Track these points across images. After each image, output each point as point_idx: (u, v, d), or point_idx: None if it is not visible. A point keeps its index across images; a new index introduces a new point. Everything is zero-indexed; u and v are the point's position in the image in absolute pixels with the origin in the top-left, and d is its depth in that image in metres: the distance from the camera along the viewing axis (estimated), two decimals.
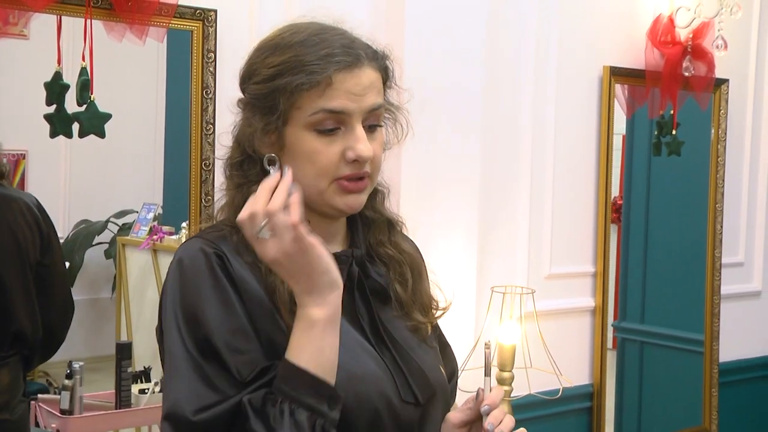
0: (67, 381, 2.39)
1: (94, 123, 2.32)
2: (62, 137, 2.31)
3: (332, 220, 1.34)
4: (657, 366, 3.86)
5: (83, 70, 2.30)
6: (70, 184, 2.81)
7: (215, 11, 2.47)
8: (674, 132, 3.56)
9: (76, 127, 2.31)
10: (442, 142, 2.79)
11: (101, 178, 2.87)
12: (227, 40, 2.50)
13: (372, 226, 1.39)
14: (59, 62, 2.29)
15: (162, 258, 2.77)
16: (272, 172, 1.22)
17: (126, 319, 2.85)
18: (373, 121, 1.29)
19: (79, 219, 2.83)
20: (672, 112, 3.53)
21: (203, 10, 2.45)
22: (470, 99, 2.86)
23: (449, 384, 1.45)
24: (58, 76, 2.29)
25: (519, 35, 3.08)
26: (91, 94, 2.31)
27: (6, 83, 2.63)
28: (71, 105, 2.31)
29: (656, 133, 3.59)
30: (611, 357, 3.58)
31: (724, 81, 3.67)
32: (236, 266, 1.24)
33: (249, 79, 1.30)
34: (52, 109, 2.30)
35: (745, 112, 3.84)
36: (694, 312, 3.77)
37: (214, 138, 2.47)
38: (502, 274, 3.05)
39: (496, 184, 3.04)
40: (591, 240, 3.36)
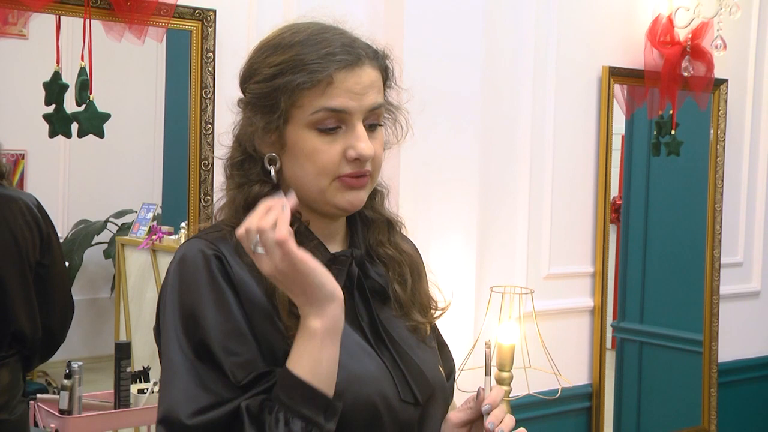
0: (66, 381, 2.39)
1: (93, 123, 2.32)
2: (61, 137, 2.31)
3: (332, 220, 1.34)
4: (656, 366, 3.86)
5: (82, 70, 2.30)
6: (69, 184, 2.80)
7: (214, 11, 2.47)
8: (673, 132, 3.56)
9: (75, 127, 2.31)
10: (441, 143, 2.79)
11: (100, 178, 2.87)
12: (226, 40, 2.50)
13: (371, 226, 1.39)
14: (58, 62, 2.30)
15: (161, 258, 2.77)
16: (277, 197, 1.21)
17: (125, 319, 2.85)
18: (374, 121, 1.29)
19: (78, 219, 2.83)
20: (671, 112, 3.53)
21: (202, 10, 2.45)
22: (469, 99, 2.86)
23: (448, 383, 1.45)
24: (57, 76, 2.30)
25: (518, 36, 3.08)
26: (90, 94, 2.31)
27: (5, 83, 2.63)
28: (70, 105, 2.31)
29: (655, 133, 3.59)
30: (610, 357, 3.58)
31: (723, 81, 3.67)
32: (235, 268, 1.24)
33: (250, 79, 1.30)
34: (51, 109, 2.30)
35: (744, 112, 3.84)
36: (693, 312, 3.77)
37: (213, 138, 2.47)
38: (501, 274, 3.05)
39: (495, 185, 3.04)
40: (590, 240, 3.36)
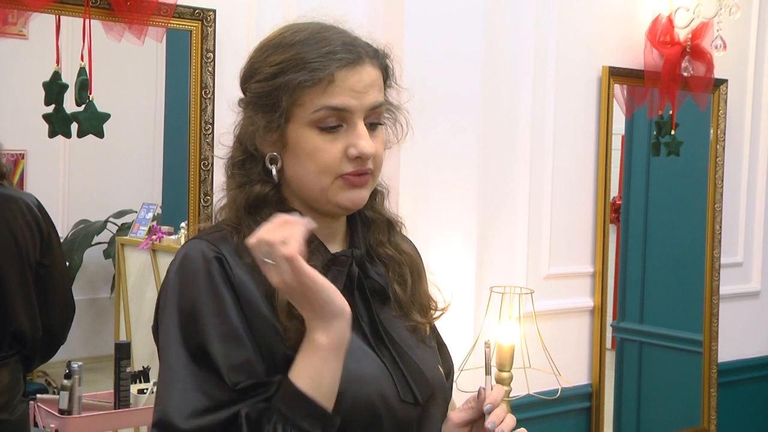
0: (65, 381, 2.38)
1: (93, 123, 2.32)
2: (61, 137, 2.31)
3: (333, 220, 1.34)
4: (656, 366, 3.86)
5: (82, 70, 2.30)
6: (69, 184, 2.80)
7: (214, 11, 2.47)
8: (673, 132, 3.56)
9: (74, 127, 2.31)
10: (441, 143, 2.79)
11: (100, 178, 2.87)
12: (226, 40, 2.50)
13: (372, 226, 1.39)
14: (58, 62, 2.30)
15: (161, 258, 2.77)
16: (295, 215, 1.19)
17: (125, 319, 2.84)
18: (375, 119, 1.29)
19: (78, 219, 2.82)
20: (671, 112, 3.53)
21: (202, 10, 2.45)
22: (469, 100, 2.86)
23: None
24: (56, 75, 2.29)
25: (518, 36, 3.07)
26: (90, 93, 2.31)
27: (5, 83, 2.63)
28: (70, 105, 2.31)
29: (655, 133, 3.59)
30: (610, 357, 3.58)
31: (723, 81, 3.67)
32: (236, 270, 1.24)
33: (251, 78, 1.30)
34: (50, 108, 2.30)
35: (744, 112, 3.84)
36: (693, 312, 3.77)
37: (213, 138, 2.47)
38: (501, 274, 3.05)
39: (495, 185, 3.04)
40: (590, 240, 3.36)
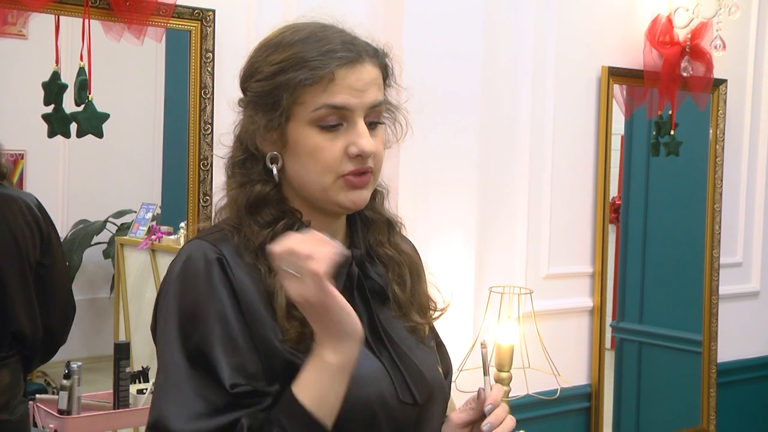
0: (65, 381, 2.38)
1: (92, 123, 2.32)
2: (61, 137, 2.31)
3: (333, 220, 1.34)
4: (655, 366, 3.86)
5: (81, 70, 2.30)
6: (68, 184, 2.80)
7: (213, 11, 2.47)
8: (672, 132, 3.56)
9: (74, 127, 2.31)
10: (440, 143, 2.79)
11: (100, 178, 2.87)
12: (225, 40, 2.50)
13: (371, 226, 1.39)
14: (57, 62, 2.30)
15: (160, 258, 2.76)
16: (329, 237, 1.18)
17: (124, 319, 2.84)
18: (374, 118, 1.30)
19: (77, 219, 2.82)
20: (670, 112, 3.53)
21: (201, 10, 2.45)
22: (468, 100, 2.86)
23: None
24: (56, 76, 2.29)
25: (517, 36, 3.07)
26: (89, 94, 2.31)
27: (4, 83, 2.63)
28: (69, 105, 2.31)
29: (654, 133, 3.59)
30: (609, 357, 3.58)
31: (723, 81, 3.67)
32: (236, 270, 1.24)
33: (251, 78, 1.30)
34: (50, 109, 2.30)
35: (744, 112, 3.84)
36: (692, 312, 3.77)
37: (213, 138, 2.47)
38: (501, 274, 3.05)
39: (494, 185, 3.04)
40: (589, 240, 3.36)
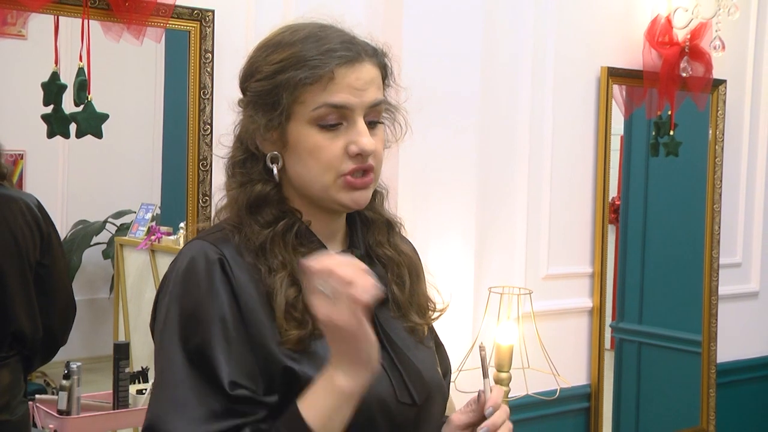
0: (64, 381, 2.38)
1: (92, 123, 2.32)
2: (60, 137, 2.31)
3: (333, 219, 1.34)
4: (655, 366, 3.86)
5: (80, 71, 2.30)
6: (68, 185, 2.80)
7: (213, 11, 2.47)
8: (672, 132, 3.56)
9: (73, 127, 2.31)
10: (439, 143, 2.79)
11: (99, 179, 2.86)
12: (225, 41, 2.50)
13: (371, 226, 1.39)
14: (56, 62, 2.30)
15: (160, 258, 2.76)
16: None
17: (124, 319, 2.84)
18: (374, 118, 1.30)
19: (77, 219, 2.82)
20: (669, 112, 3.53)
21: (201, 10, 2.45)
22: (467, 100, 2.86)
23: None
24: (55, 76, 2.29)
25: (516, 36, 3.07)
26: (89, 94, 2.31)
27: (4, 83, 2.62)
28: (69, 105, 2.31)
29: (654, 133, 3.59)
30: (609, 357, 3.58)
31: (722, 82, 3.67)
32: (237, 271, 1.24)
33: (251, 77, 1.30)
34: (49, 109, 2.30)
35: (743, 112, 3.84)
36: (692, 312, 3.77)
37: (212, 138, 2.47)
38: (500, 274, 3.05)
39: (493, 185, 3.04)
40: (589, 240, 3.36)
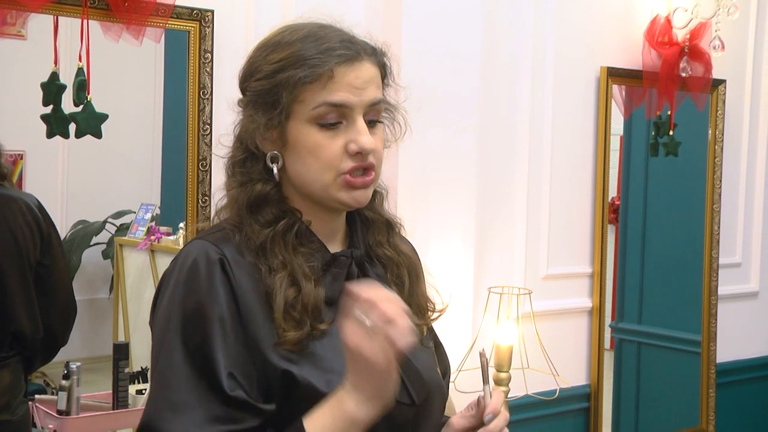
0: (64, 381, 2.38)
1: (91, 123, 2.32)
2: (60, 138, 2.31)
3: (333, 218, 1.34)
4: (654, 366, 3.86)
5: (80, 71, 2.30)
6: (67, 185, 2.80)
7: (212, 12, 2.47)
8: (671, 132, 3.56)
9: (72, 127, 2.31)
10: (439, 143, 2.79)
11: (99, 179, 2.86)
12: (224, 41, 2.50)
13: (371, 226, 1.40)
14: (56, 62, 2.30)
15: (159, 258, 2.76)
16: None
17: (123, 319, 2.84)
18: (373, 117, 1.30)
19: (76, 219, 2.82)
20: (669, 112, 3.53)
21: (200, 10, 2.45)
22: (467, 100, 2.86)
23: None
24: (54, 76, 2.29)
25: (516, 36, 3.07)
26: (88, 94, 2.31)
27: (3, 83, 2.62)
28: (68, 105, 2.31)
29: (653, 133, 3.59)
30: (608, 357, 3.58)
31: (722, 82, 3.67)
32: (237, 271, 1.24)
33: (250, 77, 1.31)
34: (49, 109, 2.30)
35: (743, 112, 3.84)
36: (691, 312, 3.77)
37: (211, 138, 2.47)
38: (499, 274, 3.05)
39: (493, 185, 3.04)
40: (588, 240, 3.36)
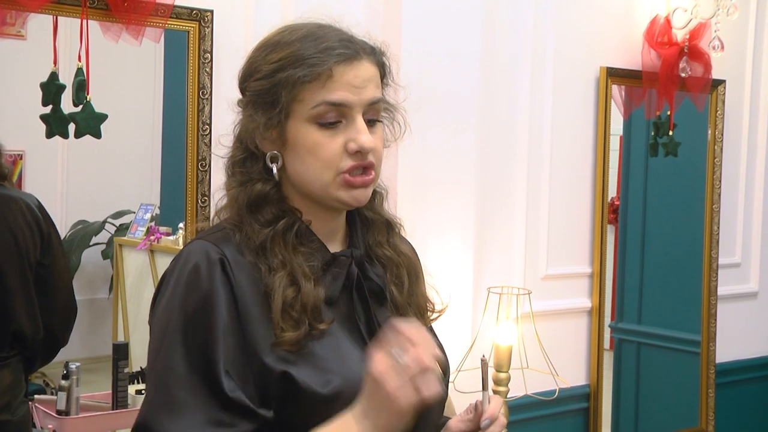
0: (63, 381, 2.38)
1: (90, 123, 2.32)
2: (59, 138, 2.31)
3: (333, 218, 1.35)
4: (654, 367, 3.86)
5: (79, 71, 2.30)
6: (67, 185, 2.80)
7: (212, 12, 2.48)
8: (671, 133, 3.56)
9: (72, 127, 2.31)
10: (438, 143, 2.79)
11: (98, 179, 2.86)
12: (224, 41, 2.50)
13: (371, 226, 1.40)
14: (55, 62, 2.30)
15: (159, 258, 2.76)
16: None
17: (123, 319, 2.84)
18: (373, 116, 1.30)
19: (76, 219, 2.82)
20: (669, 112, 3.53)
21: (200, 10, 2.45)
22: (467, 100, 2.86)
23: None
24: (54, 76, 2.30)
25: (516, 36, 3.07)
26: (87, 94, 2.31)
27: (3, 84, 2.62)
28: (68, 105, 2.31)
29: (653, 133, 3.59)
30: (608, 358, 3.58)
31: (721, 82, 3.67)
32: (237, 271, 1.24)
33: (250, 77, 1.31)
34: (48, 109, 2.30)
35: (742, 112, 3.84)
36: (691, 313, 3.77)
37: (211, 138, 2.47)
38: (499, 274, 3.05)
39: (492, 185, 3.04)
40: (588, 241, 3.36)
